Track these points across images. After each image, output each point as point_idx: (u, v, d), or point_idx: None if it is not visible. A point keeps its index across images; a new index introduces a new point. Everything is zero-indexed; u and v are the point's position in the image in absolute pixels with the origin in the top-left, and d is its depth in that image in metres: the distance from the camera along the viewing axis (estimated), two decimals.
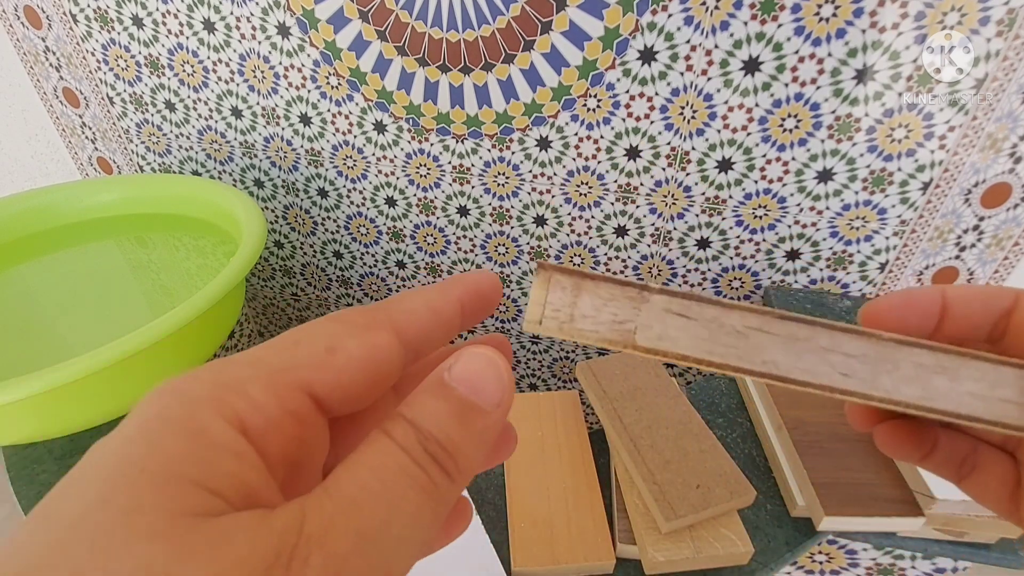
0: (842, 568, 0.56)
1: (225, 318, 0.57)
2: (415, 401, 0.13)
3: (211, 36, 0.66)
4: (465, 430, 0.13)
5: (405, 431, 0.13)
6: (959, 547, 0.45)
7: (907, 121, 0.52)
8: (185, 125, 0.76)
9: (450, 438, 0.13)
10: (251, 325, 0.90)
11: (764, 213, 0.61)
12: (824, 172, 0.57)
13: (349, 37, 0.61)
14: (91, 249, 0.68)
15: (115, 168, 0.86)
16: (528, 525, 0.45)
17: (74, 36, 0.72)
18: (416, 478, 0.12)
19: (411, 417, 0.13)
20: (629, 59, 0.55)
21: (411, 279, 0.82)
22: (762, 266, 0.65)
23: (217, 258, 0.64)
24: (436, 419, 0.13)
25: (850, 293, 0.65)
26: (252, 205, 0.61)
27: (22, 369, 0.39)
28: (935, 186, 0.56)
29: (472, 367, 0.14)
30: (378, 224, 0.77)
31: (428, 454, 0.13)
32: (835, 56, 0.50)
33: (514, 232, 0.71)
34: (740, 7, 0.50)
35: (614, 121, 0.59)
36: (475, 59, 0.59)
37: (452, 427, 0.13)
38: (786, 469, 0.48)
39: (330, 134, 0.70)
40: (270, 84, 0.68)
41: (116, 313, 0.57)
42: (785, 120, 0.55)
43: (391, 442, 0.13)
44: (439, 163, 0.68)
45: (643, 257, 0.69)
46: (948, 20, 0.47)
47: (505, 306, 0.80)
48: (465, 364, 0.14)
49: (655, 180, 0.62)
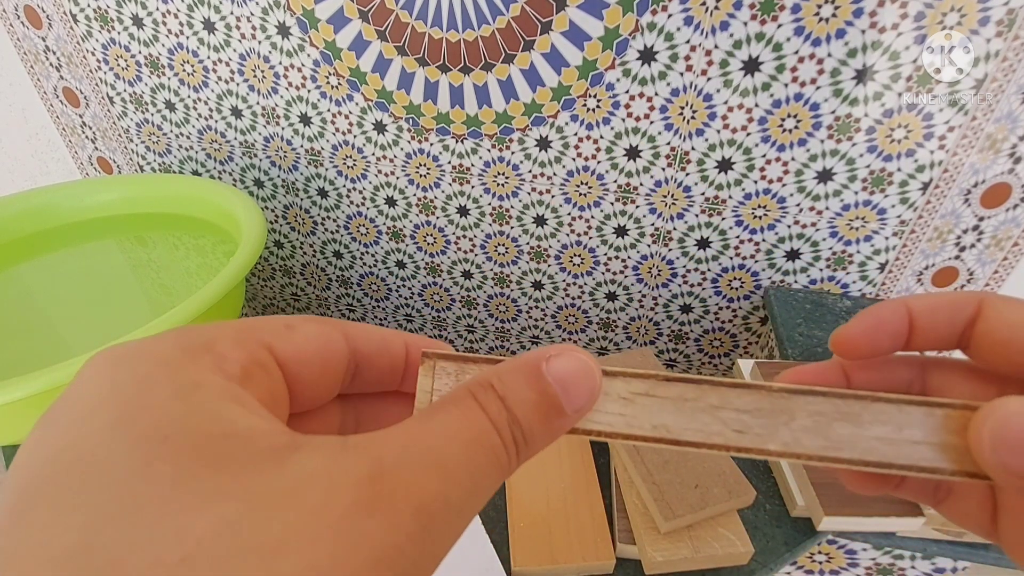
0: (842, 568, 0.56)
1: (225, 318, 0.57)
2: (509, 379, 0.14)
3: (211, 36, 0.66)
4: (544, 425, 0.14)
5: (499, 409, 0.13)
6: (958, 547, 0.45)
7: (907, 121, 0.52)
8: (185, 125, 0.76)
9: (531, 428, 0.13)
10: None
11: (764, 213, 0.61)
12: (824, 172, 0.57)
13: (349, 37, 0.62)
14: (91, 249, 0.68)
15: (115, 168, 0.86)
16: (528, 525, 0.45)
17: (74, 36, 0.72)
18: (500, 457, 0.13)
19: (503, 395, 0.13)
20: (629, 59, 0.55)
21: (411, 279, 0.82)
22: (762, 266, 0.65)
23: (217, 258, 0.64)
24: (525, 406, 0.13)
25: (850, 293, 0.65)
26: (252, 205, 0.61)
27: (22, 369, 0.39)
28: (935, 186, 0.56)
29: (571, 368, 0.14)
30: (378, 224, 0.77)
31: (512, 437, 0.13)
32: (835, 56, 0.50)
33: (514, 232, 0.71)
34: (740, 7, 0.50)
35: (614, 121, 0.59)
36: (475, 59, 0.59)
37: (536, 418, 0.13)
38: (786, 469, 0.48)
39: (330, 134, 0.70)
40: (270, 84, 0.68)
41: (116, 313, 0.57)
42: (785, 120, 0.55)
43: (483, 414, 0.13)
44: (439, 163, 0.68)
45: (643, 257, 0.69)
46: (948, 20, 0.47)
47: (505, 306, 0.80)
48: (566, 363, 0.14)
49: (655, 180, 0.62)
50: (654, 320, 0.75)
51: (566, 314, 0.78)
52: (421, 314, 0.86)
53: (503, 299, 0.79)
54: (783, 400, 0.15)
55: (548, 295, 0.76)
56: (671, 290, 0.71)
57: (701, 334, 0.74)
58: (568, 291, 0.75)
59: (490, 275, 0.77)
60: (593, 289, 0.74)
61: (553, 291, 0.76)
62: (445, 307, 0.83)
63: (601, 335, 0.78)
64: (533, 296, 0.77)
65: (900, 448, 0.15)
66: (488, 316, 0.82)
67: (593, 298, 0.75)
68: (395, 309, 0.87)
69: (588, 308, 0.76)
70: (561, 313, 0.78)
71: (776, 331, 0.60)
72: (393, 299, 0.85)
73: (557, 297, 0.76)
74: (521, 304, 0.79)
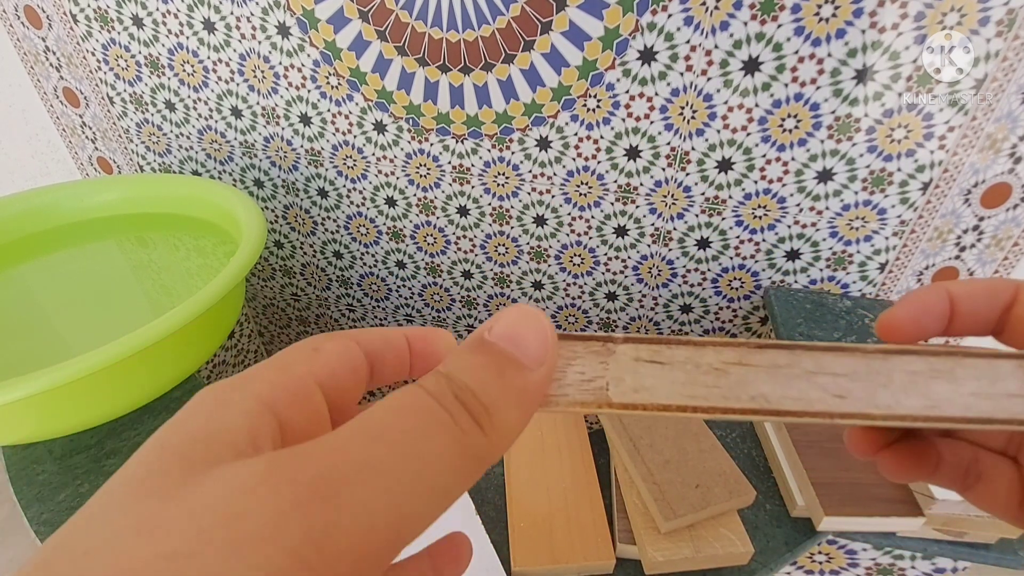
0: (842, 568, 0.56)
1: (225, 318, 0.57)
2: (452, 356, 0.13)
3: (211, 36, 0.66)
4: (503, 383, 0.13)
5: (436, 379, 0.13)
6: (959, 547, 0.45)
7: (907, 121, 0.52)
8: (185, 125, 0.76)
9: (486, 390, 0.13)
10: (251, 325, 0.90)
11: (764, 213, 0.61)
12: (824, 172, 0.57)
13: (349, 37, 0.62)
14: (91, 249, 0.68)
15: (115, 168, 0.86)
16: (528, 525, 0.45)
17: (74, 36, 0.72)
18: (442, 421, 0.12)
19: (445, 370, 0.13)
20: (629, 59, 0.55)
21: (411, 279, 0.82)
22: (762, 266, 0.65)
23: (217, 258, 0.64)
24: (472, 371, 0.13)
25: (850, 293, 0.65)
26: (252, 205, 0.61)
27: (22, 369, 0.39)
28: (935, 186, 0.56)
29: (514, 322, 0.14)
30: (378, 224, 0.77)
31: (458, 400, 0.12)
32: (835, 56, 0.50)
33: (514, 232, 0.71)
34: (740, 7, 0.50)
35: (614, 121, 0.59)
36: (475, 59, 0.59)
37: (489, 379, 0.13)
38: (786, 469, 0.48)
39: (330, 134, 0.70)
40: (270, 84, 0.68)
41: (116, 313, 0.57)
42: (785, 120, 0.55)
43: (419, 388, 0.13)
44: (439, 163, 0.68)
45: (643, 257, 0.69)
46: (948, 20, 0.47)
47: (505, 306, 0.80)
48: (507, 319, 0.14)
49: (655, 180, 0.62)
50: (654, 320, 0.75)
51: (566, 314, 0.78)
52: (421, 314, 0.86)
53: (503, 299, 0.79)
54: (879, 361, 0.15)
55: (548, 295, 0.76)
56: (671, 290, 0.71)
57: (701, 334, 0.74)
58: (568, 291, 0.75)
59: (490, 275, 0.77)
60: (593, 289, 0.74)
61: (553, 291, 0.76)
62: (445, 307, 0.83)
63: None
64: (533, 296, 0.77)
65: (998, 402, 0.15)
66: (488, 316, 0.82)
67: (593, 298, 0.75)
68: (395, 309, 0.87)
69: (588, 308, 0.76)
70: (561, 313, 0.78)
71: (776, 331, 0.60)
72: (393, 299, 0.85)
73: (557, 297, 0.76)
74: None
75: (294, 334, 0.98)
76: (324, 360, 0.14)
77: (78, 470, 0.47)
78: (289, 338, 0.99)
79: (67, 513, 0.44)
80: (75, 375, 0.39)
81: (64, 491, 0.46)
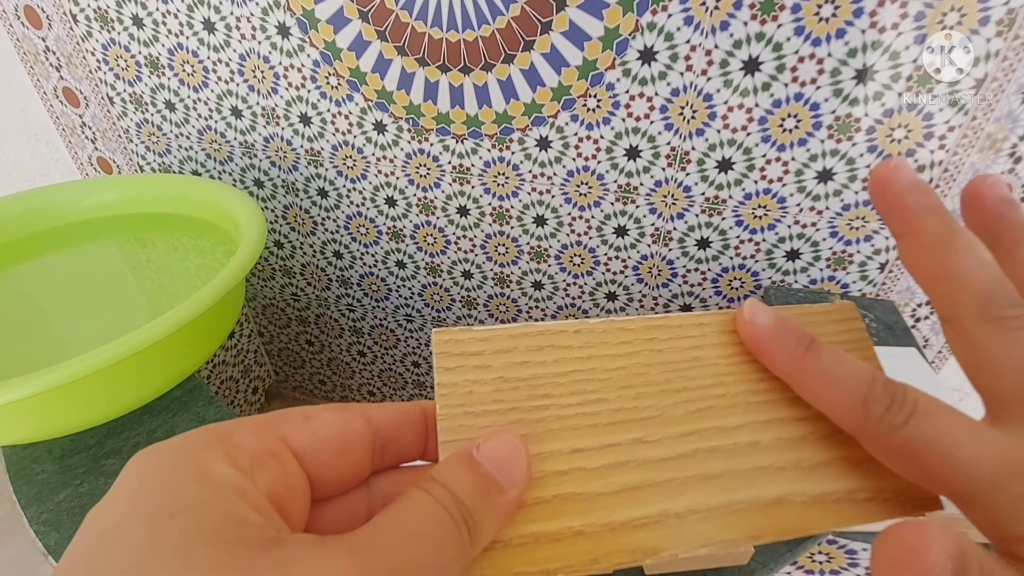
0: (842, 568, 0.56)
1: (225, 318, 0.57)
2: (447, 469, 0.15)
3: (211, 36, 0.66)
4: (486, 503, 0.15)
5: (443, 493, 0.14)
6: None
7: (907, 121, 0.52)
8: (185, 125, 0.76)
9: (476, 507, 0.15)
10: (251, 325, 0.90)
11: (764, 213, 0.61)
12: (824, 172, 0.57)
13: (349, 37, 0.62)
14: (91, 249, 0.68)
15: (115, 168, 0.86)
16: None
17: (74, 36, 0.72)
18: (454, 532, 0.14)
19: (444, 481, 0.15)
20: (629, 59, 0.55)
21: (411, 279, 0.82)
22: (762, 266, 0.65)
23: (217, 258, 0.64)
24: (465, 488, 0.15)
25: (850, 293, 0.65)
26: (252, 205, 0.61)
27: (22, 369, 0.39)
28: (935, 186, 0.56)
29: (499, 448, 0.16)
30: (378, 224, 0.77)
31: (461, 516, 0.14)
32: (835, 56, 0.50)
33: (514, 232, 0.71)
34: (740, 7, 0.50)
35: (614, 121, 0.59)
36: (475, 59, 0.59)
37: (477, 498, 0.15)
38: None
39: (330, 134, 0.70)
40: (270, 84, 0.68)
41: (116, 313, 0.57)
42: (785, 120, 0.55)
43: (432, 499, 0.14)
44: (439, 163, 0.68)
45: (643, 257, 0.69)
46: (948, 20, 0.47)
47: (505, 306, 0.80)
48: (494, 444, 0.16)
49: (655, 180, 0.62)
50: None
51: (566, 314, 0.78)
52: (421, 314, 0.86)
53: (503, 299, 0.79)
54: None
55: (548, 295, 0.76)
56: (671, 290, 0.71)
57: None
58: (568, 291, 0.75)
59: (490, 275, 0.77)
60: (593, 289, 0.74)
61: (553, 291, 0.76)
62: (445, 307, 0.83)
63: None
64: (533, 296, 0.77)
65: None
66: (488, 316, 0.82)
67: (593, 298, 0.75)
68: (395, 309, 0.87)
69: (588, 308, 0.76)
70: (561, 313, 0.78)
71: None
72: (393, 299, 0.85)
73: (557, 297, 0.76)
74: (521, 304, 0.79)
75: (294, 334, 0.98)
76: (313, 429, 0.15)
77: (78, 470, 0.47)
78: (289, 338, 0.99)
79: (67, 513, 0.44)
80: (75, 375, 0.39)
81: (64, 491, 0.46)
